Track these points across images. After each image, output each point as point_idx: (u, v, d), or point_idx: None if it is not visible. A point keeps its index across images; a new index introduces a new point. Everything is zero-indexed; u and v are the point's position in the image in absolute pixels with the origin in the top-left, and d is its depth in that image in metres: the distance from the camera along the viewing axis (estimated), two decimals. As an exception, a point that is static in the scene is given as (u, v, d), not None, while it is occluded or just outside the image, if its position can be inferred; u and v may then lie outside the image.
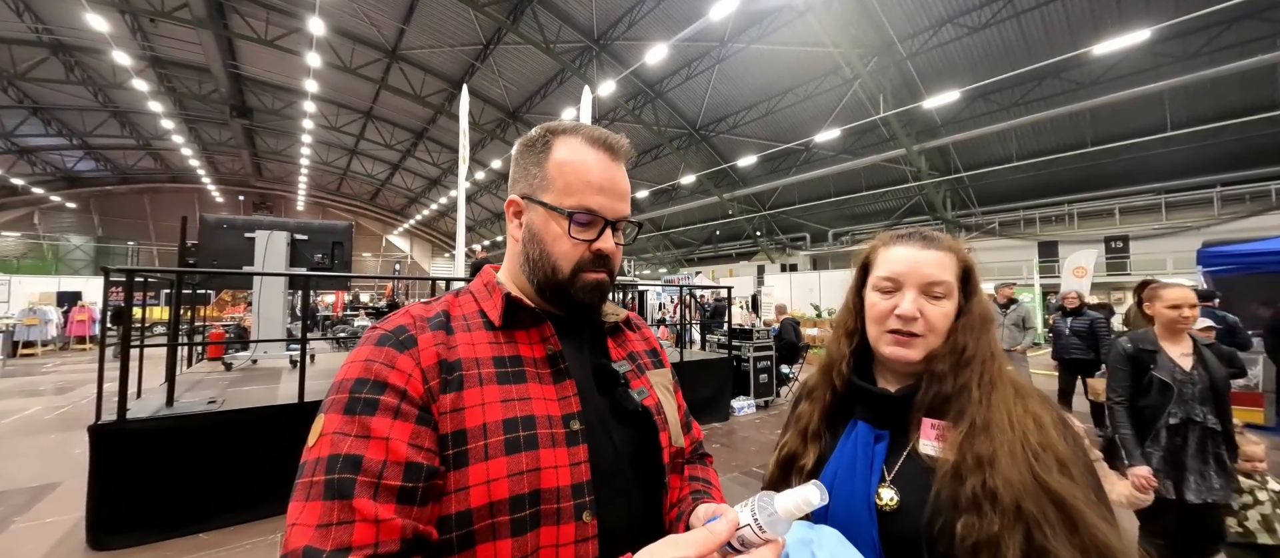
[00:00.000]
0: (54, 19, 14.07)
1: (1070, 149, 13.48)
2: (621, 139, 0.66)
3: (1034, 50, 11.21)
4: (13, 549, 2.76)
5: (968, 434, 0.62)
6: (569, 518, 0.53)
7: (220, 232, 4.81)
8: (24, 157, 22.40)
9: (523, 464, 0.52)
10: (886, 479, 0.67)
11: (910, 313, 0.68)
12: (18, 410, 6.06)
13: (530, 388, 0.58)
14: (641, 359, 0.74)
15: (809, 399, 0.81)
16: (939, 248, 0.71)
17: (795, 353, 7.14)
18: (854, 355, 0.77)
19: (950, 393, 0.66)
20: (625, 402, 0.64)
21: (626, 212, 0.65)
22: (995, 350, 0.68)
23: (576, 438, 0.57)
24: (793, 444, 0.77)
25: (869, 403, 0.72)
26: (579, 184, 0.62)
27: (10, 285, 13.82)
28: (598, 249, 0.62)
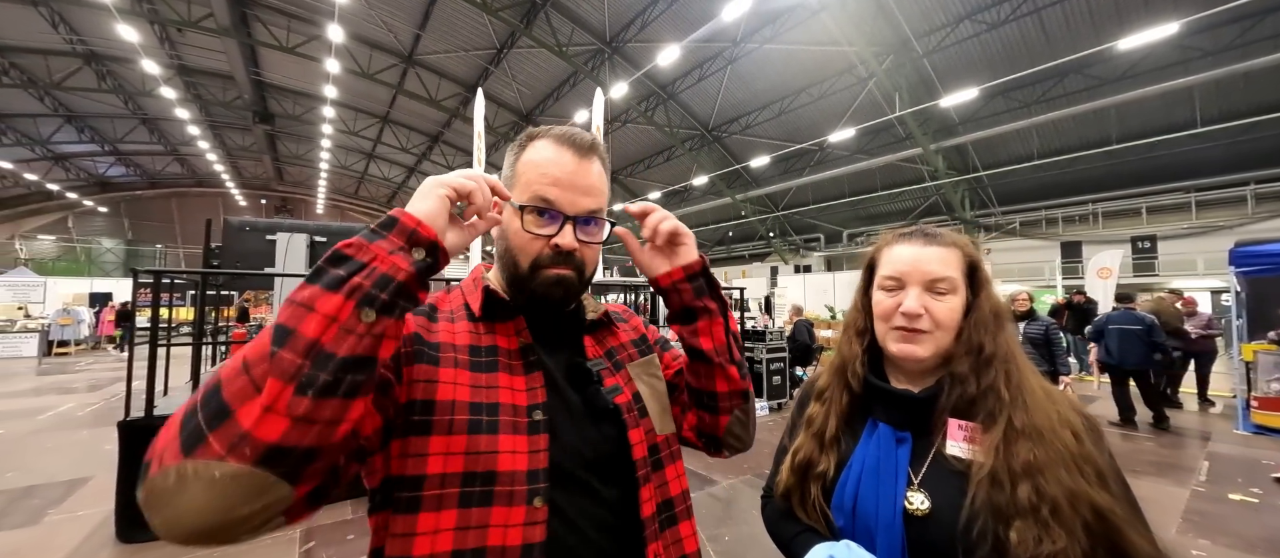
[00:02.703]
0: (87, 30, 14.60)
1: (1094, 147, 13.10)
2: (589, 136, 0.67)
3: (1056, 46, 10.94)
4: (47, 540, 2.87)
5: (1005, 439, 0.61)
6: (521, 501, 0.55)
7: (243, 234, 4.93)
8: (59, 163, 23.28)
9: (481, 445, 0.56)
10: (914, 483, 0.65)
11: (914, 310, 0.68)
12: (52, 407, 6.29)
13: (500, 377, 0.61)
14: (623, 354, 0.74)
15: (819, 401, 0.79)
16: (942, 244, 0.71)
17: (809, 355, 7.07)
18: (867, 354, 0.76)
19: (975, 394, 0.65)
20: (596, 399, 0.65)
21: (590, 207, 0.65)
22: (1014, 349, 0.67)
23: (537, 428, 0.59)
24: (808, 449, 0.75)
25: (890, 404, 0.71)
26: (536, 178, 0.63)
27: (46, 287, 14.36)
28: (557, 244, 0.63)
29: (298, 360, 0.41)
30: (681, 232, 0.68)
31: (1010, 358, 0.66)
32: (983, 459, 0.61)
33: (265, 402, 0.40)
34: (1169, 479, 3.94)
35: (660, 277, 0.69)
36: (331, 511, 3.23)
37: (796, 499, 0.75)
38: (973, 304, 0.69)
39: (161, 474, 0.39)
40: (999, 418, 0.62)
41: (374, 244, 0.47)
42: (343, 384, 0.43)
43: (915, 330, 0.68)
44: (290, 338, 0.42)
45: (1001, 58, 11.79)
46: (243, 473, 0.40)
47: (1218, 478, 3.96)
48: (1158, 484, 3.84)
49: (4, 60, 15.37)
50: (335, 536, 2.95)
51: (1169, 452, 4.68)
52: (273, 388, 0.40)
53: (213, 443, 0.39)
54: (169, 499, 0.39)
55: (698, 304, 0.68)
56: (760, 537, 3.04)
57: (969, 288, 0.70)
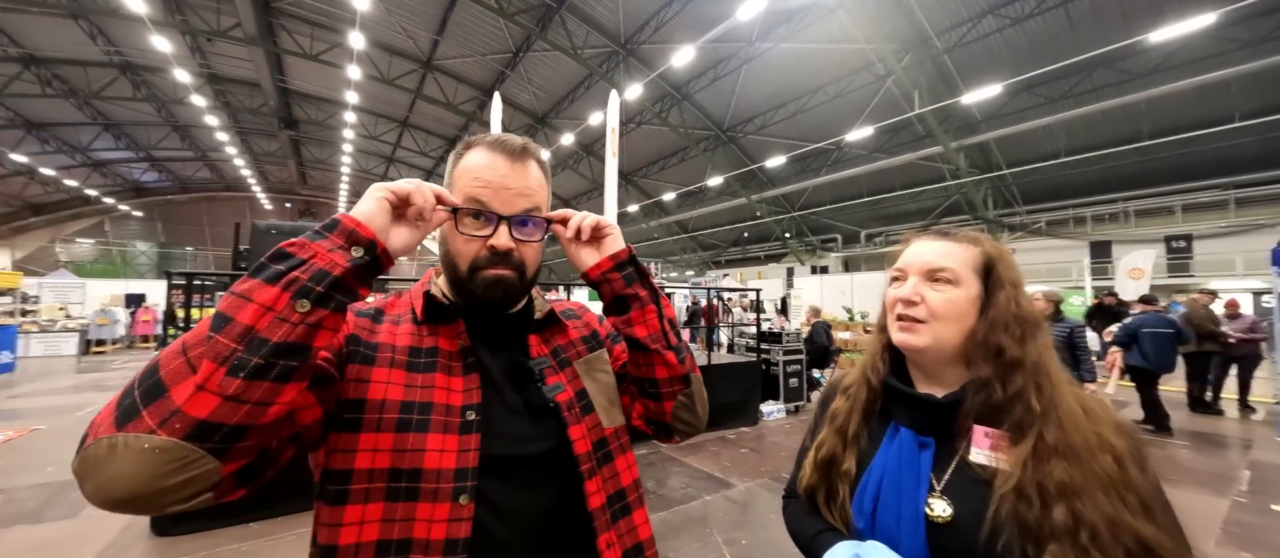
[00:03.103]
0: (123, 41, 15.22)
1: (1125, 143, 12.65)
2: (520, 140, 0.69)
3: (1083, 40, 10.61)
4: (85, 532, 2.99)
5: (1035, 453, 0.59)
6: (445, 498, 0.57)
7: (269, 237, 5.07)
8: (97, 169, 24.29)
9: (408, 443, 0.58)
10: (936, 489, 0.64)
11: (909, 296, 0.69)
12: (90, 404, 6.55)
13: (437, 378, 0.63)
14: (570, 351, 0.75)
15: (844, 396, 0.79)
16: (953, 240, 0.71)
17: (827, 357, 6.98)
18: (887, 352, 0.75)
19: (1001, 401, 0.63)
20: (536, 398, 0.67)
21: (524, 207, 0.66)
22: (1047, 359, 0.65)
23: (470, 428, 0.61)
24: (832, 445, 0.75)
25: (912, 408, 0.70)
26: (470, 183, 0.65)
27: (85, 289, 14.97)
28: (492, 245, 0.64)
29: (232, 344, 0.44)
30: (605, 225, 0.70)
31: (1042, 369, 0.64)
32: (1009, 470, 0.59)
33: (199, 381, 0.43)
34: (1208, 489, 3.79)
35: (590, 269, 0.70)
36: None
37: (822, 497, 0.74)
38: (988, 303, 0.67)
39: (95, 444, 0.42)
40: (1028, 431, 0.60)
41: (315, 243, 0.50)
42: (274, 368, 0.45)
43: (912, 319, 0.68)
44: (227, 324, 0.45)
45: (1026, 53, 11.48)
46: (171, 446, 0.42)
47: (1260, 488, 3.79)
48: (1196, 495, 3.69)
49: (47, 72, 16.10)
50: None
51: (1208, 460, 4.50)
52: (206, 369, 0.43)
53: (146, 417, 0.42)
54: (100, 467, 0.42)
55: (628, 292, 0.70)
56: (779, 541, 3.02)
57: (984, 286, 0.68)
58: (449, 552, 0.56)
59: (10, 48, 14.74)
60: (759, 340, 6.29)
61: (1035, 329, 0.66)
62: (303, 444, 0.57)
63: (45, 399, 6.87)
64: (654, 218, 25.15)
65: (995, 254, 0.70)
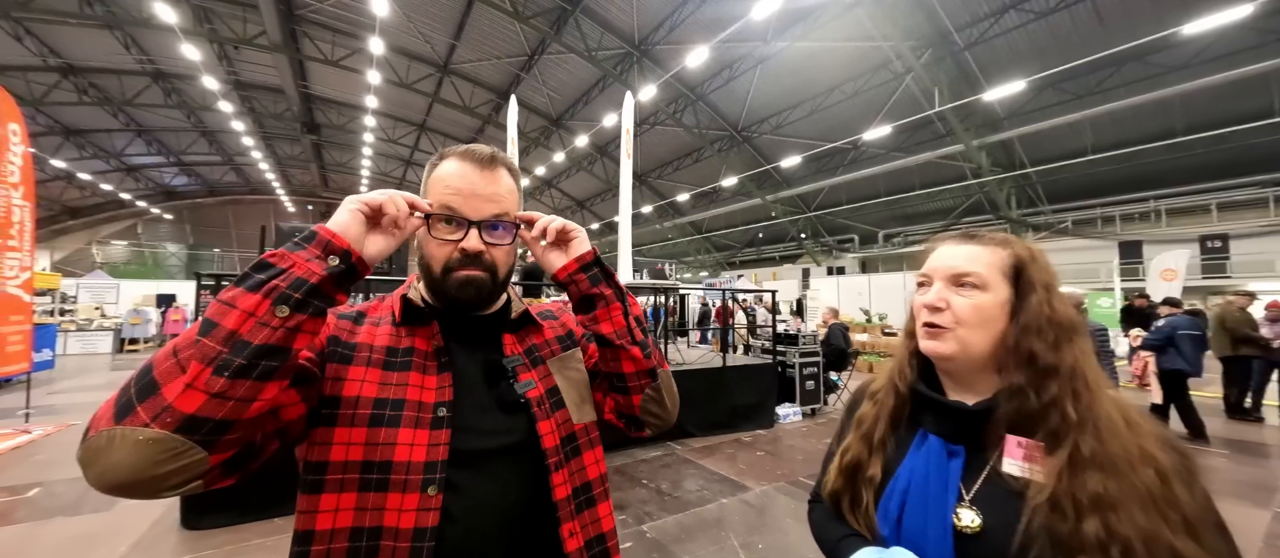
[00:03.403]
0: (155, 50, 15.77)
1: (1156, 139, 12.23)
2: (489, 150, 0.73)
3: (1112, 33, 10.28)
4: (120, 524, 3.09)
5: (1071, 464, 0.57)
6: (414, 489, 0.61)
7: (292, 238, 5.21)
8: (130, 174, 25.21)
9: (380, 438, 0.62)
10: (965, 499, 0.62)
11: (933, 302, 0.67)
12: (124, 400, 6.79)
13: (411, 376, 0.67)
14: (545, 349, 0.79)
15: (871, 400, 0.77)
16: (979, 243, 0.69)
17: (844, 359, 6.88)
18: (915, 358, 0.74)
19: (1035, 410, 0.61)
20: (507, 394, 0.71)
21: (494, 212, 0.70)
22: (1084, 366, 0.62)
23: (441, 423, 0.65)
24: (857, 450, 0.74)
25: (941, 415, 0.68)
26: (442, 191, 0.69)
27: (119, 289, 15.54)
28: (463, 248, 0.68)
29: (217, 347, 0.48)
30: (571, 228, 0.73)
31: (1079, 375, 0.61)
32: (1043, 481, 0.57)
33: (187, 380, 0.47)
34: (1248, 501, 3.63)
35: (558, 271, 0.74)
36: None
37: (846, 503, 0.73)
38: (1019, 308, 0.65)
39: (96, 436, 0.47)
40: (1064, 441, 0.58)
41: (294, 253, 0.54)
42: (256, 369, 0.50)
43: (938, 326, 0.67)
44: (213, 329, 0.49)
45: (1051, 47, 11.17)
46: (163, 438, 0.47)
47: (1305, 500, 3.62)
48: (1235, 506, 3.54)
49: (84, 80, 16.77)
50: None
51: (1248, 470, 4.31)
52: (194, 369, 0.47)
53: (140, 412, 0.47)
54: (100, 455, 0.47)
55: (593, 292, 0.73)
56: (796, 546, 2.98)
57: (1014, 290, 0.66)
58: (417, 540, 0.59)
59: (50, 58, 15.39)
60: (775, 342, 6.22)
61: (1071, 333, 0.64)
62: (287, 439, 0.61)
63: (81, 396, 7.14)
64: (668, 219, 25.12)
65: (1026, 256, 0.67)
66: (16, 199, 5.20)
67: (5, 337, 5.16)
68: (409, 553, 0.59)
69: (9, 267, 5.13)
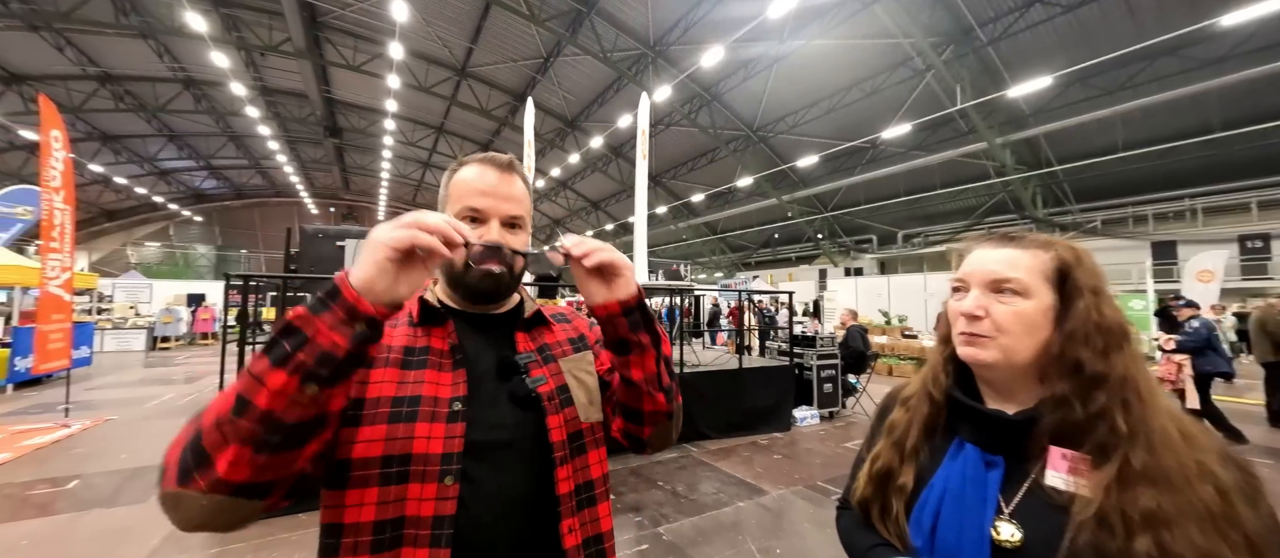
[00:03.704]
0: (186, 58, 16.34)
1: (1192, 135, 11.74)
2: (506, 156, 0.78)
3: (1144, 26, 9.92)
4: (153, 518, 3.20)
5: (1120, 479, 0.54)
6: (433, 479, 0.63)
7: (316, 241, 5.34)
8: (163, 177, 26.14)
9: (399, 432, 0.64)
10: (1004, 512, 0.60)
11: (971, 311, 0.64)
12: (156, 396, 7.04)
13: (427, 374, 0.69)
14: (557, 349, 0.81)
15: (903, 407, 0.75)
16: (1018, 246, 0.65)
17: (863, 362, 6.76)
18: (950, 364, 0.71)
19: (1081, 421, 0.58)
20: (519, 388, 0.72)
21: (514, 212, 0.75)
22: (1136, 374, 0.59)
23: (456, 417, 0.67)
24: (888, 458, 0.71)
25: (979, 424, 0.65)
26: (465, 192, 0.74)
27: (152, 289, 16.11)
28: (487, 242, 0.70)
29: (253, 427, 0.50)
30: (618, 264, 0.69)
31: (1130, 385, 0.58)
32: (1090, 496, 0.54)
33: (231, 458, 0.50)
34: (1293, 512, 3.46)
35: (597, 307, 0.71)
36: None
37: (876, 511, 0.71)
38: (1064, 314, 0.62)
39: (165, 494, 0.52)
40: (1113, 454, 0.55)
41: (318, 317, 0.52)
42: (293, 441, 0.53)
43: (977, 334, 0.64)
44: (247, 408, 0.50)
45: (1079, 41, 10.82)
46: (222, 501, 0.52)
47: (1356, 514, 3.43)
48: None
49: (120, 88, 17.46)
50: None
51: (1291, 480, 4.11)
52: (235, 449, 0.51)
53: (198, 480, 0.51)
54: (173, 509, 0.53)
55: (632, 338, 0.71)
56: (815, 552, 2.94)
57: (1059, 295, 0.63)
58: (437, 527, 0.62)
59: (89, 67, 16.05)
60: (792, 344, 6.15)
61: (1121, 340, 0.60)
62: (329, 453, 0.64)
63: (117, 391, 7.42)
64: (683, 219, 25.05)
65: (1071, 259, 0.64)
66: (58, 203, 5.43)
67: (47, 334, 5.39)
68: (429, 540, 0.62)
69: (51, 267, 5.36)
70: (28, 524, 3.10)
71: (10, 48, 14.52)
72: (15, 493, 3.55)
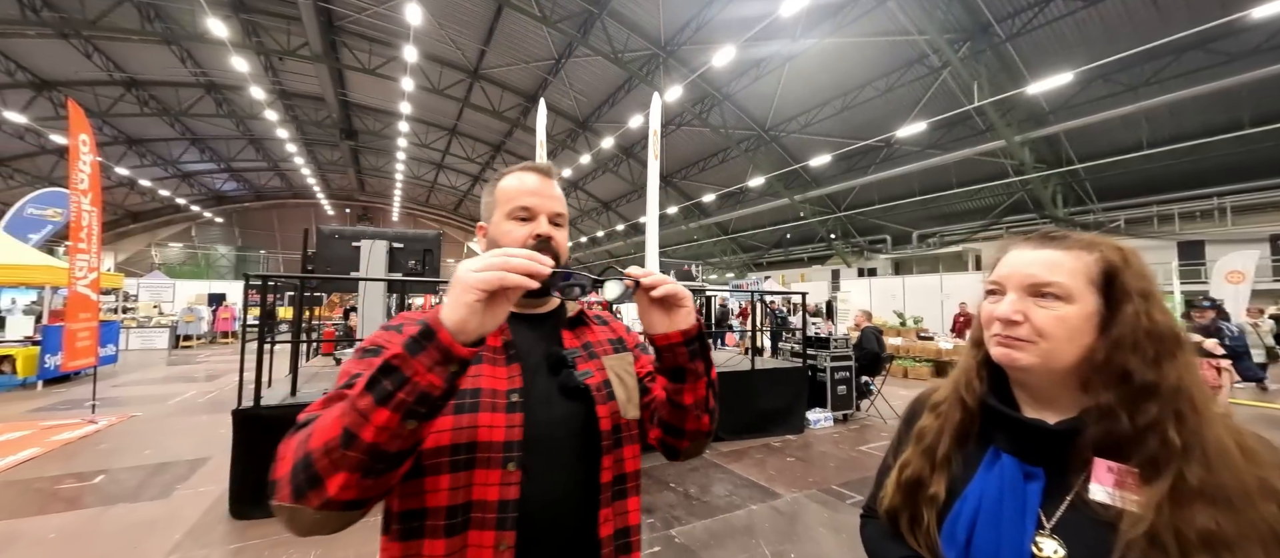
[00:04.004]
0: (208, 63, 16.74)
1: (1221, 132, 11.37)
2: (547, 163, 0.88)
3: (1170, 20, 9.64)
4: (175, 512, 3.27)
5: (1174, 496, 0.51)
6: (496, 465, 0.68)
7: (333, 241, 5.41)
8: (185, 180, 26.81)
9: (464, 423, 0.69)
10: (1045, 527, 0.57)
11: (1007, 315, 0.61)
12: (178, 394, 7.21)
13: (484, 369, 0.74)
14: (599, 347, 0.86)
15: (933, 412, 0.72)
16: (1060, 247, 0.62)
17: (878, 364, 6.67)
18: (985, 368, 0.67)
19: (1129, 434, 0.54)
20: (568, 381, 0.77)
21: (558, 209, 0.83)
22: (1190, 384, 0.56)
23: (514, 408, 0.72)
24: (918, 466, 0.68)
25: (1016, 434, 0.62)
26: (515, 194, 0.82)
27: (175, 288, 16.51)
28: (538, 233, 0.79)
29: (361, 458, 0.56)
30: (681, 295, 0.73)
31: (1183, 396, 0.54)
32: (1139, 512, 0.51)
33: (341, 483, 0.56)
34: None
35: (658, 336, 0.75)
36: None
37: (905, 522, 0.68)
38: (1111, 320, 0.58)
39: (280, 507, 0.58)
40: (1165, 469, 0.52)
41: (416, 359, 0.56)
42: (394, 465, 0.58)
43: (1015, 337, 0.61)
44: (354, 442, 0.55)
45: (1101, 36, 10.56)
46: (332, 515, 0.58)
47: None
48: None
49: (145, 93, 17.95)
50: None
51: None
52: (345, 476, 0.56)
53: (311, 498, 0.56)
54: (289, 520, 0.59)
55: (689, 366, 0.76)
56: (829, 556, 2.90)
57: (1104, 299, 0.59)
58: (502, 510, 0.67)
59: (115, 72, 16.52)
60: (805, 345, 6.09)
61: (1174, 348, 0.57)
62: None
63: (141, 389, 7.61)
64: (694, 219, 24.98)
65: (1118, 260, 0.60)
66: (86, 205, 5.58)
67: (75, 333, 5.55)
68: (496, 522, 0.67)
69: (79, 267, 5.52)
70: (56, 518, 3.18)
71: (42, 55, 15.02)
72: (45, 487, 3.66)
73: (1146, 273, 0.61)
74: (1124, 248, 0.62)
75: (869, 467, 4.35)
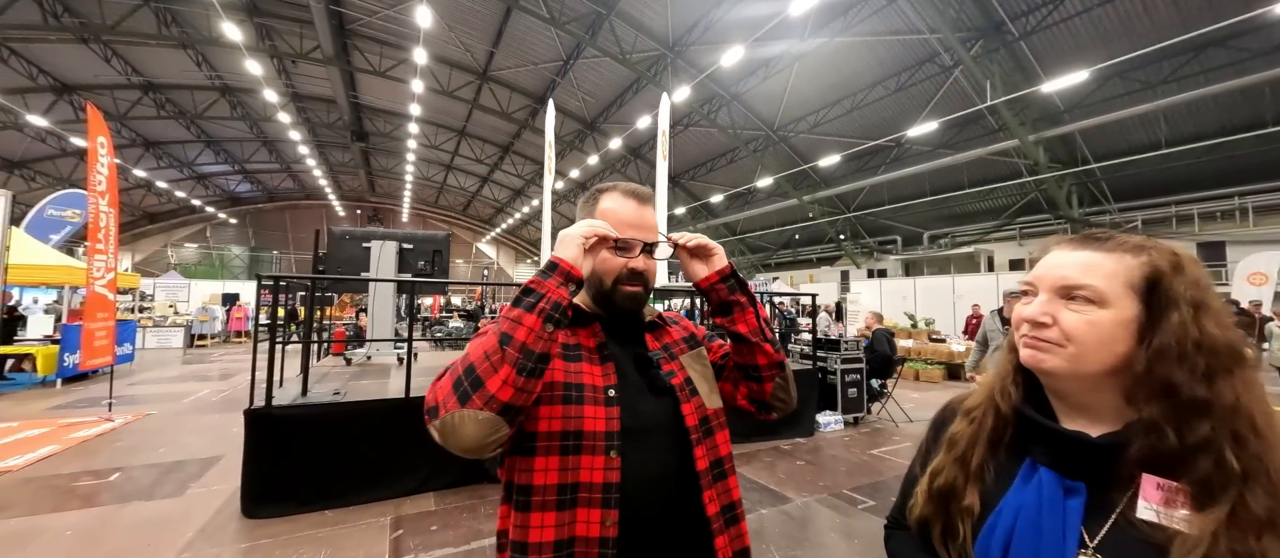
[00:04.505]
0: (223, 66, 16.99)
1: (1242, 131, 11.09)
2: (646, 189, 0.95)
3: (1189, 17, 9.43)
4: (189, 510, 3.31)
5: (1234, 521, 0.47)
6: (600, 452, 0.77)
7: (344, 242, 5.46)
8: (200, 181, 27.25)
9: (572, 412, 0.79)
10: (1089, 547, 0.54)
11: (1035, 317, 0.59)
12: (192, 392, 7.31)
13: (583, 366, 0.84)
14: (676, 347, 0.95)
15: (966, 418, 0.69)
16: (1101, 248, 0.59)
17: (889, 366, 6.58)
18: (1020, 374, 0.64)
19: (1176, 451, 0.51)
20: (656, 380, 0.86)
21: (653, 238, 0.91)
22: (1250, 404, 0.52)
23: (612, 401, 0.81)
24: (951, 474, 0.65)
25: (1055, 447, 0.59)
26: (615, 222, 0.87)
27: (190, 288, 16.78)
28: (632, 267, 0.88)
29: (516, 355, 0.69)
30: (710, 245, 0.91)
31: (1243, 416, 0.51)
32: (1195, 535, 0.48)
33: (502, 378, 0.67)
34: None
35: (701, 280, 0.92)
36: (417, 501, 3.45)
37: (937, 533, 0.65)
38: (1152, 328, 0.55)
39: (448, 416, 0.67)
40: (1221, 494, 0.49)
41: (546, 281, 0.75)
42: (538, 369, 0.71)
43: (1042, 340, 0.58)
44: (510, 341, 0.69)
45: (1118, 34, 10.36)
46: (490, 418, 0.67)
47: None
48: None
49: (161, 96, 18.27)
50: (421, 525, 3.14)
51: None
52: (506, 370, 0.68)
53: (475, 399, 0.67)
54: (454, 430, 0.67)
55: (731, 299, 0.91)
56: (842, 563, 2.85)
57: (1146, 307, 0.56)
58: (606, 492, 0.76)
59: (133, 76, 16.84)
60: (815, 347, 6.03)
61: (1231, 363, 0.53)
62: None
63: (157, 387, 7.73)
64: (702, 220, 24.91)
65: (1165, 267, 0.57)
66: (103, 206, 5.68)
67: (93, 332, 5.64)
68: (601, 503, 0.75)
69: (96, 268, 5.61)
70: (73, 515, 3.23)
71: (62, 59, 15.34)
72: (62, 484, 3.72)
73: (1201, 282, 0.57)
74: (1180, 254, 0.58)
75: (881, 471, 4.29)
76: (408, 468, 3.53)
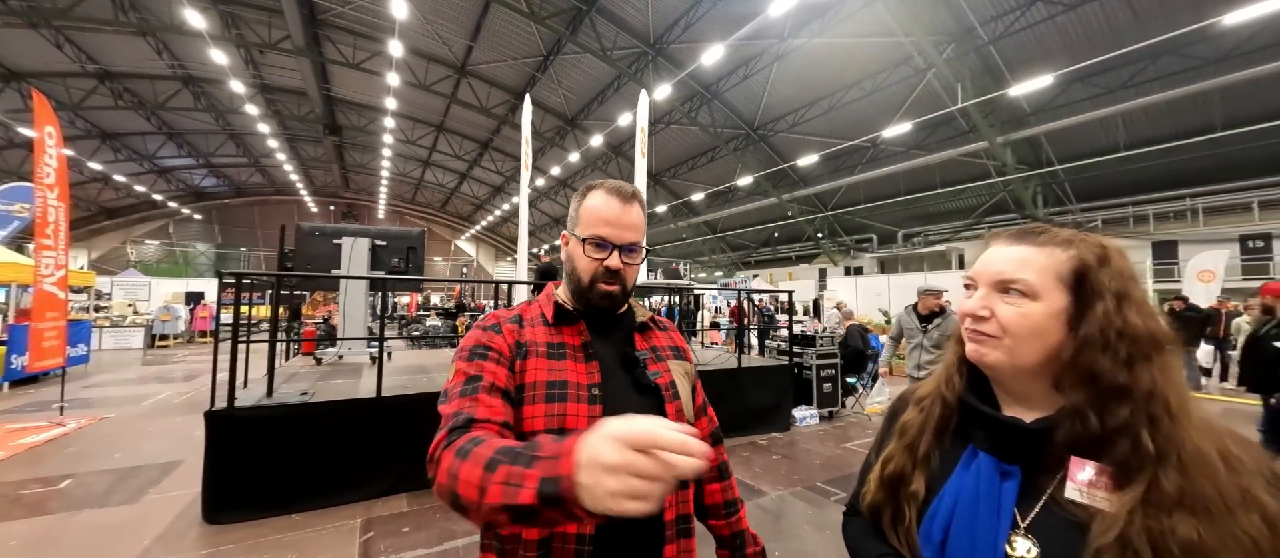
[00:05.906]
0: (185, 56, 16.29)
1: (1193, 135, 11.69)
2: (630, 187, 0.91)
3: (1146, 25, 9.88)
4: (145, 517, 3.17)
5: (1148, 500, 0.50)
6: None
7: (313, 239, 5.30)
8: (162, 176, 26.10)
9: (555, 410, 0.79)
10: (1019, 526, 0.56)
11: (974, 310, 0.62)
12: (153, 395, 7.01)
13: (567, 364, 0.84)
14: (664, 351, 0.96)
15: (917, 407, 0.71)
16: (1033, 244, 0.62)
17: (862, 361, 6.73)
18: (964, 365, 0.67)
19: (1099, 434, 0.54)
20: (641, 379, 0.87)
21: (633, 238, 0.88)
22: (1166, 388, 0.54)
23: (595, 400, 0.81)
24: (900, 461, 0.68)
25: (993, 432, 0.61)
26: (594, 220, 0.86)
27: (150, 287, 16.08)
28: (607, 266, 0.86)
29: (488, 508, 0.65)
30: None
31: (1158, 400, 0.53)
32: (1112, 513, 0.51)
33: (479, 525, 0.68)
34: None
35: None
36: (389, 503, 3.38)
37: (887, 519, 0.67)
38: (1080, 319, 0.57)
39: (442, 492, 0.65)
40: (1137, 474, 0.51)
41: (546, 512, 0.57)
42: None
43: (982, 333, 0.61)
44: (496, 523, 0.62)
45: (1081, 41, 10.78)
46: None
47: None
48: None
49: (119, 86, 17.40)
50: (393, 526, 3.08)
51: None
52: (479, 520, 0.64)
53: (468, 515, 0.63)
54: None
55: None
56: (814, 553, 2.91)
57: (1074, 298, 0.59)
58: None
59: (87, 64, 16.00)
60: (791, 343, 6.12)
61: (1150, 350, 0.55)
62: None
63: (114, 390, 7.39)
64: (683, 218, 25.02)
65: (1091, 259, 0.59)
66: (52, 200, 5.39)
67: (41, 332, 5.36)
68: None
69: (45, 265, 5.33)
70: (19, 524, 3.07)
71: (9, 45, 14.48)
72: (6, 493, 3.52)
73: (1125, 272, 0.59)
74: (1107, 246, 0.61)
75: (853, 464, 4.39)
76: (380, 470, 3.45)
